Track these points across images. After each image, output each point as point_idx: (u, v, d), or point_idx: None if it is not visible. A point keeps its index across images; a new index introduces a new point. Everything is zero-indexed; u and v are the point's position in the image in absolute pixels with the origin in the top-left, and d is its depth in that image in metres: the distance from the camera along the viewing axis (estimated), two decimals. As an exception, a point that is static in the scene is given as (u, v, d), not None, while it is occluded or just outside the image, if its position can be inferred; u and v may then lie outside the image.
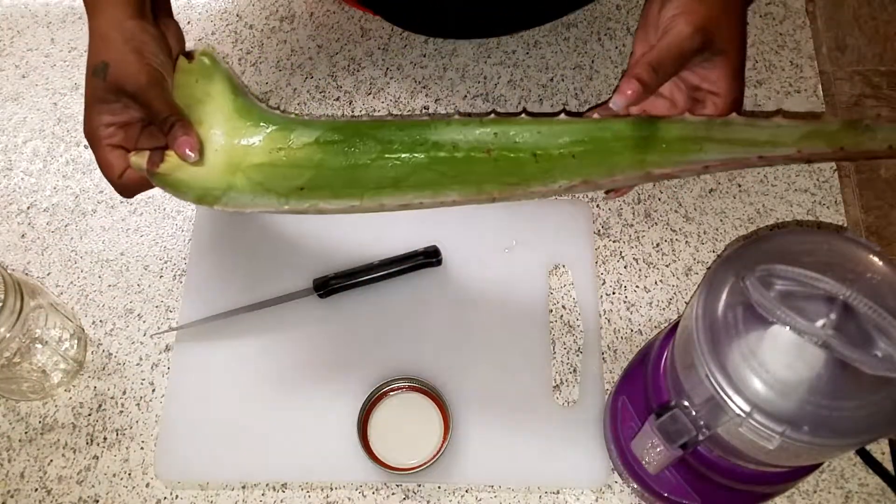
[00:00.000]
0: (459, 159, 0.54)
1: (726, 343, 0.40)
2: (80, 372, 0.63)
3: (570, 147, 0.54)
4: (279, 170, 0.54)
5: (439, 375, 0.61)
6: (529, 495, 0.58)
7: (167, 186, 0.53)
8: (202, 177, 0.53)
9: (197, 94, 0.54)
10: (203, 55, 0.54)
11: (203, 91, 0.54)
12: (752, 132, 0.49)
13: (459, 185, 0.54)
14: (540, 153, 0.54)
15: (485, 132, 0.54)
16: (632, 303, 0.65)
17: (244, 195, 0.52)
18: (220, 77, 0.55)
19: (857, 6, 1.71)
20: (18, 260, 0.68)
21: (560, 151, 0.54)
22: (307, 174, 0.54)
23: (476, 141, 0.54)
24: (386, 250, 0.65)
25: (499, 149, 0.54)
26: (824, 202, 0.69)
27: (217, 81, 0.54)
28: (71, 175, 0.72)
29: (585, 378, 0.61)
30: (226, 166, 0.53)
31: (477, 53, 0.76)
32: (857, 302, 0.39)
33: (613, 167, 0.52)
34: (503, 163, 0.54)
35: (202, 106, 0.54)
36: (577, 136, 0.53)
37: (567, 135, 0.54)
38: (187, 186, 0.53)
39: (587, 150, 0.53)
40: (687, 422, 0.43)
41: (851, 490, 0.58)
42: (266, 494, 0.59)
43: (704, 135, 0.50)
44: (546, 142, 0.54)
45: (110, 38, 0.51)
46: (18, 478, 0.59)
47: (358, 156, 0.54)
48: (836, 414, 0.38)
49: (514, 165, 0.54)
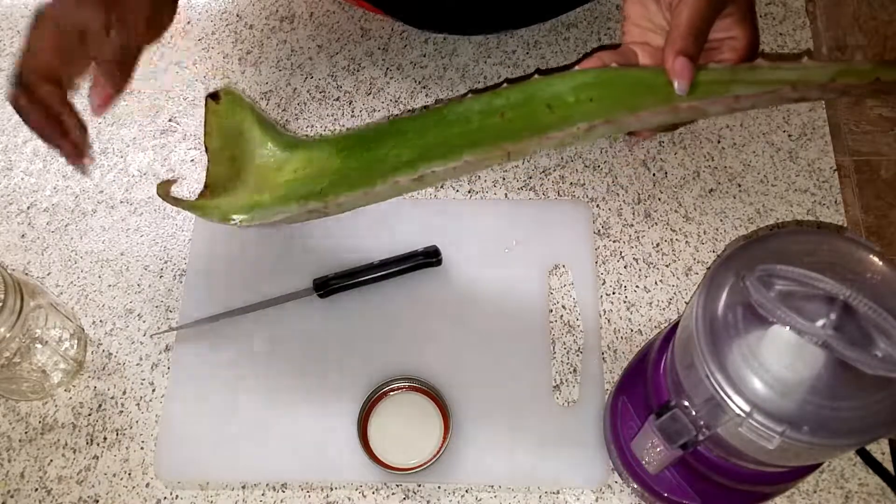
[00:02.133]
0: (473, 129, 0.54)
1: (726, 343, 0.40)
2: (80, 372, 0.63)
3: (588, 92, 0.52)
4: (301, 181, 0.56)
5: (439, 375, 0.61)
6: (529, 495, 0.58)
7: (196, 211, 0.56)
8: (231, 201, 0.56)
9: (229, 131, 0.58)
10: (227, 94, 0.58)
11: (234, 128, 0.58)
12: (779, 73, 0.49)
13: (471, 147, 0.53)
14: (555, 103, 0.53)
15: (497, 99, 0.54)
16: (632, 303, 0.65)
17: (268, 208, 0.55)
18: (247, 112, 0.58)
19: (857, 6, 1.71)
20: (18, 260, 0.68)
21: (577, 98, 0.52)
22: (327, 179, 0.56)
23: (489, 109, 0.54)
24: (386, 250, 0.65)
25: (511, 108, 0.53)
26: (824, 202, 0.69)
27: (244, 117, 0.58)
28: (71, 175, 0.72)
29: (585, 378, 0.61)
30: (254, 188, 0.56)
31: (477, 53, 0.76)
32: (857, 302, 0.39)
33: (638, 104, 0.50)
34: (517, 120, 0.53)
35: (235, 142, 0.57)
36: (595, 82, 0.52)
37: (583, 82, 0.53)
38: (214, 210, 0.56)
39: (606, 92, 0.52)
40: (687, 422, 0.43)
41: (851, 490, 0.58)
42: (266, 494, 0.59)
43: (730, 78, 0.49)
44: (560, 92, 0.53)
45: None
46: (18, 478, 0.60)
47: (375, 151, 0.56)
48: (836, 414, 0.38)
49: (527, 120, 0.53)
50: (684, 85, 0.49)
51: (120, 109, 0.75)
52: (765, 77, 0.49)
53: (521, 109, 0.54)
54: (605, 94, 0.52)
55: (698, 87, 0.50)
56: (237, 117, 0.58)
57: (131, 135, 0.74)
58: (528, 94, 0.54)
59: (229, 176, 0.57)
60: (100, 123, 0.74)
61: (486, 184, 0.70)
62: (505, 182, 0.70)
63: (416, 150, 0.54)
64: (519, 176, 0.70)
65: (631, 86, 0.52)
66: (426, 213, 0.68)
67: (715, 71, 0.50)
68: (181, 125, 0.74)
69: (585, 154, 0.71)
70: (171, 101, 0.75)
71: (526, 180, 0.70)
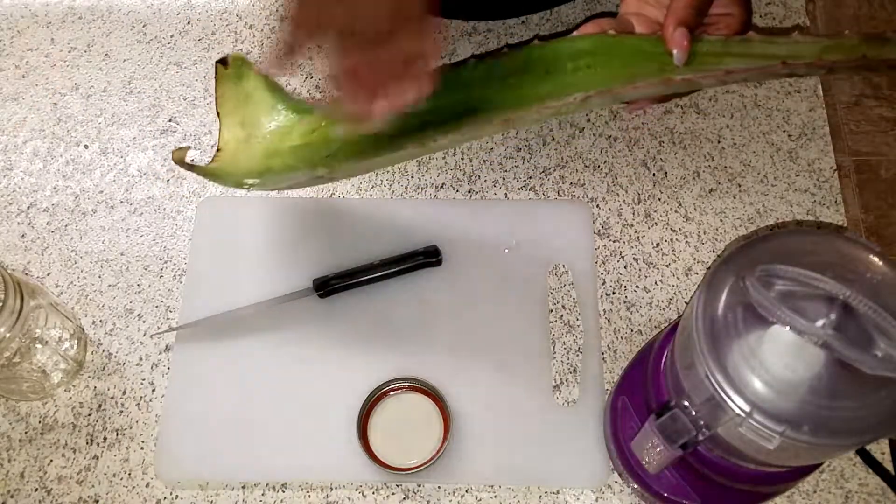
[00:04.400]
0: (474, 96, 0.55)
1: (726, 343, 0.40)
2: (80, 372, 0.63)
3: (585, 59, 0.54)
4: (311, 147, 0.57)
5: (439, 375, 0.61)
6: (529, 495, 0.58)
7: (209, 177, 0.57)
8: (243, 166, 0.57)
9: (239, 96, 0.58)
10: (236, 59, 0.59)
11: (243, 93, 0.58)
12: (770, 48, 0.50)
13: (472, 116, 0.54)
14: (552, 68, 0.54)
15: (497, 64, 0.55)
16: (632, 303, 0.65)
17: (278, 174, 0.56)
18: (255, 76, 0.59)
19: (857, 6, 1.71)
20: (18, 260, 0.68)
21: (574, 64, 0.54)
22: (335, 145, 0.57)
23: (488, 74, 0.55)
24: (386, 250, 0.65)
25: (511, 73, 0.54)
26: (824, 202, 0.69)
27: (253, 81, 0.58)
28: (71, 175, 0.72)
29: (585, 378, 0.61)
30: (265, 153, 0.57)
31: (477, 52, 0.76)
32: (857, 302, 0.39)
33: (633, 75, 0.52)
34: (516, 86, 0.54)
35: (244, 107, 0.58)
36: (590, 48, 0.54)
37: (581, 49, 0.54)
38: (227, 175, 0.57)
39: (603, 60, 0.53)
40: (687, 422, 0.43)
41: (851, 490, 0.58)
42: (266, 494, 0.59)
43: (723, 50, 0.51)
44: (557, 56, 0.54)
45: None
46: (18, 478, 0.60)
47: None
48: (836, 414, 0.38)
49: (526, 86, 0.54)
50: (682, 55, 0.50)
51: (120, 109, 0.75)
52: (756, 51, 0.51)
53: (520, 76, 0.55)
54: (602, 61, 0.53)
55: (694, 58, 0.51)
56: (246, 82, 0.59)
57: (131, 135, 0.74)
58: (527, 59, 0.55)
59: (240, 140, 0.58)
60: (100, 123, 0.74)
61: (486, 184, 0.70)
62: (505, 182, 0.70)
63: (419, 118, 0.55)
64: (519, 176, 0.70)
65: (627, 55, 0.53)
66: (426, 213, 0.68)
67: (709, 42, 0.51)
68: (181, 125, 0.74)
69: (585, 154, 0.71)
70: (171, 101, 0.75)
71: (526, 180, 0.70)
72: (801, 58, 0.50)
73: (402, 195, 0.70)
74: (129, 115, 0.74)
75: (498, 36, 0.77)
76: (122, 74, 0.77)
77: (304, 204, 0.69)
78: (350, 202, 0.69)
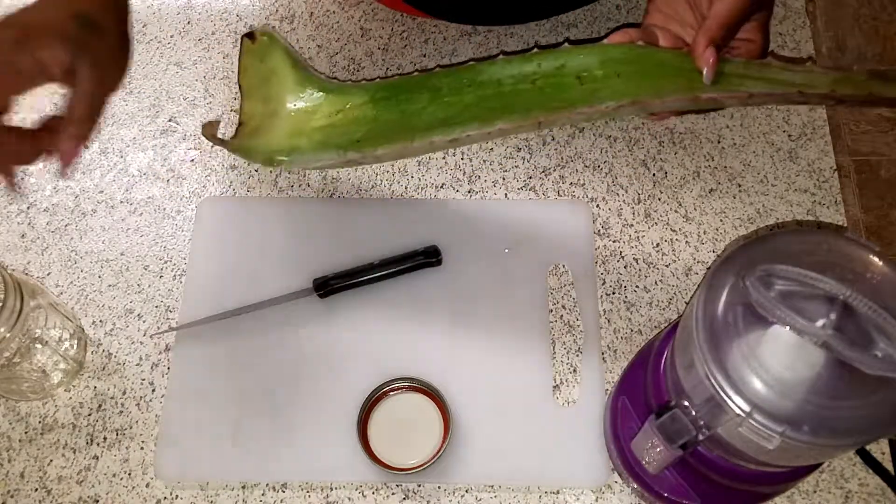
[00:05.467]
0: (506, 93, 0.56)
1: (726, 343, 0.40)
2: (80, 372, 0.63)
3: (616, 67, 0.55)
4: (338, 128, 0.58)
5: (439, 375, 0.61)
6: (529, 495, 0.58)
7: (239, 152, 0.58)
8: (271, 142, 0.57)
9: (263, 72, 0.59)
10: (263, 35, 0.59)
11: (268, 69, 0.59)
12: (787, 74, 0.53)
13: (506, 114, 0.55)
14: (584, 75, 0.55)
15: (529, 65, 0.56)
16: (632, 303, 0.65)
17: (307, 154, 0.57)
18: (281, 53, 0.59)
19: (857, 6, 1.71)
20: (18, 260, 0.68)
21: (604, 72, 0.55)
22: (364, 128, 0.58)
23: (520, 74, 0.56)
24: (386, 250, 0.65)
25: (543, 77, 0.56)
26: (824, 202, 0.69)
27: (278, 58, 0.59)
28: (71, 175, 0.72)
29: (585, 378, 0.61)
30: (291, 131, 0.57)
31: (476, 53, 0.76)
32: (857, 302, 0.39)
33: (662, 88, 0.54)
34: (548, 89, 0.56)
35: (268, 83, 0.59)
36: (623, 58, 0.55)
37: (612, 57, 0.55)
38: (257, 152, 0.57)
39: (634, 70, 0.55)
40: (687, 422, 0.43)
41: (851, 490, 0.58)
42: (266, 494, 0.59)
43: (744, 72, 0.53)
44: (589, 64, 0.55)
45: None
46: (18, 478, 0.60)
47: (410, 105, 0.58)
48: (836, 414, 0.39)
49: (558, 90, 0.56)
50: (711, 73, 0.52)
51: (120, 109, 0.75)
52: (775, 76, 0.53)
53: (551, 78, 0.56)
54: (632, 70, 0.55)
55: (720, 77, 0.53)
56: (272, 58, 0.59)
57: (131, 135, 0.74)
58: (559, 64, 0.56)
59: (262, 116, 0.58)
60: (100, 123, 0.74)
61: (486, 184, 0.70)
62: (505, 182, 0.70)
63: (451, 110, 0.56)
64: (519, 176, 0.70)
65: (656, 67, 0.55)
66: (426, 213, 0.68)
67: (733, 63, 0.53)
68: (181, 125, 0.74)
69: (585, 154, 0.71)
70: (171, 101, 0.75)
71: (526, 180, 0.70)
72: (815, 88, 0.52)
73: (402, 195, 0.70)
74: (129, 115, 0.74)
75: (498, 36, 0.77)
76: (122, 74, 0.77)
77: (304, 204, 0.69)
78: (350, 202, 0.69)
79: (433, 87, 0.58)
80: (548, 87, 0.56)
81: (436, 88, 0.57)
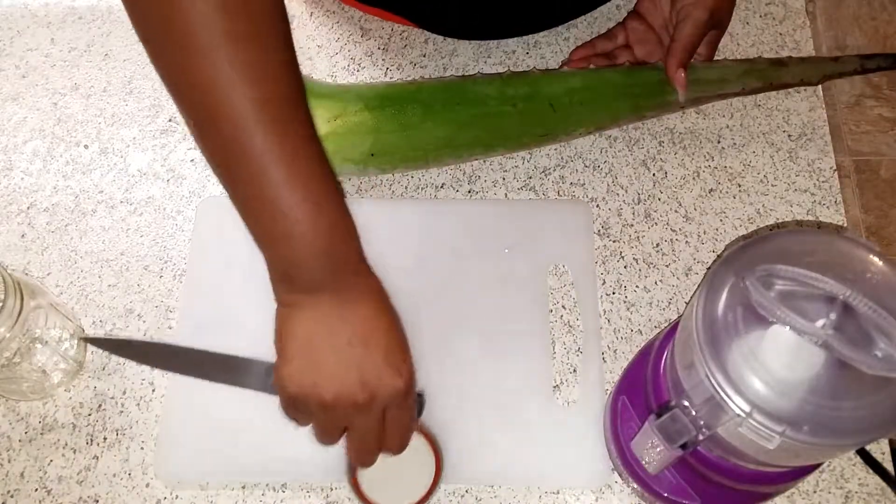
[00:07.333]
0: (493, 114, 0.64)
1: (726, 343, 0.40)
2: (80, 372, 0.63)
3: (578, 95, 0.65)
4: (344, 137, 0.62)
5: (439, 376, 0.61)
6: (529, 495, 0.58)
7: None
8: None
9: None
10: None
11: None
12: (707, 72, 0.66)
13: (503, 140, 0.66)
14: (555, 103, 0.64)
15: (508, 88, 0.64)
16: (632, 303, 0.65)
17: None
18: None
19: (857, 6, 1.71)
20: (18, 260, 0.68)
21: (570, 100, 0.64)
22: (369, 139, 0.63)
23: (502, 96, 0.64)
24: (386, 250, 0.65)
25: (521, 100, 0.64)
26: (824, 202, 0.69)
27: None
28: (71, 175, 0.72)
29: (585, 378, 0.61)
30: None
31: (477, 53, 0.76)
32: (857, 302, 0.39)
33: (617, 112, 0.67)
34: (528, 115, 0.64)
35: None
36: (581, 86, 0.65)
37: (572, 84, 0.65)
38: None
39: (590, 97, 0.65)
40: (687, 422, 0.43)
41: (851, 490, 0.58)
42: (266, 494, 0.59)
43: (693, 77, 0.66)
44: (558, 92, 0.64)
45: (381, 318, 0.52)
46: (18, 478, 0.60)
47: (406, 118, 0.63)
48: (836, 414, 0.39)
49: (537, 116, 0.64)
50: (684, 92, 0.65)
51: (120, 109, 0.75)
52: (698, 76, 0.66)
53: (529, 103, 0.64)
54: (591, 97, 0.65)
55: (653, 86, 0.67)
56: None
57: (131, 135, 0.74)
58: (532, 91, 0.64)
59: None
60: (100, 123, 0.74)
61: (485, 184, 0.70)
62: (505, 182, 0.70)
63: (448, 129, 0.64)
64: (519, 176, 0.70)
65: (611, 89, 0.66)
66: (426, 213, 0.68)
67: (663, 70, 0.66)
68: (181, 125, 0.74)
69: (585, 154, 0.71)
70: (171, 101, 0.75)
71: (526, 180, 0.70)
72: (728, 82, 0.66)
73: (402, 195, 0.70)
74: (129, 115, 0.74)
75: (497, 41, 0.77)
76: (122, 74, 0.77)
77: (304, 204, 0.69)
78: (350, 202, 0.69)
79: (424, 101, 0.63)
80: (527, 111, 0.64)
81: (427, 104, 0.63)
